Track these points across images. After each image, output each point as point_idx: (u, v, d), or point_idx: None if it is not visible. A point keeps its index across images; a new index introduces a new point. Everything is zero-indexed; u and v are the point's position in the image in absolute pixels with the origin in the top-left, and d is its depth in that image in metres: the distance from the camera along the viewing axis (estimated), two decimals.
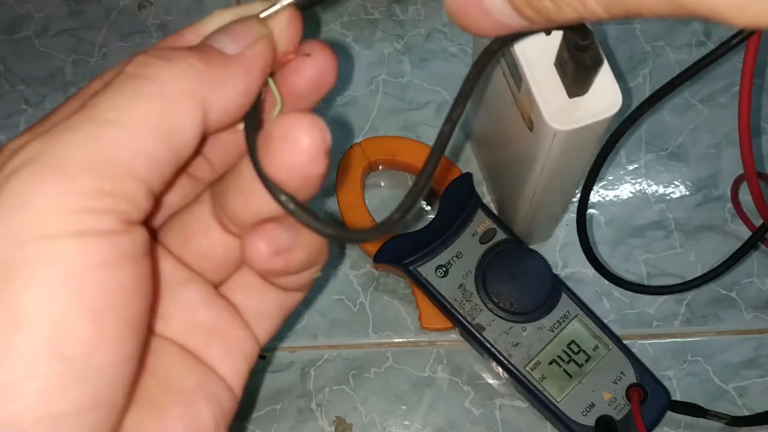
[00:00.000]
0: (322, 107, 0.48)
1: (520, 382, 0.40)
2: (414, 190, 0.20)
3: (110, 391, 0.16)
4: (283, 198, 0.18)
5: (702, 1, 0.14)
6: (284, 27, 0.19)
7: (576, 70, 0.28)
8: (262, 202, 0.19)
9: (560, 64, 0.29)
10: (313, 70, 0.20)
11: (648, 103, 0.35)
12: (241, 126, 0.19)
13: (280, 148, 0.18)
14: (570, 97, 0.30)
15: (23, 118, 0.49)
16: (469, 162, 0.47)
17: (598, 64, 0.28)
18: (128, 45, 0.51)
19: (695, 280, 0.41)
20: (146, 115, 0.16)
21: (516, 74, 0.31)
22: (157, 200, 0.18)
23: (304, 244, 0.20)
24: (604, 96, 0.30)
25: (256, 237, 0.19)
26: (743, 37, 0.30)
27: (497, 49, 0.21)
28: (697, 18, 0.14)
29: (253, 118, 0.19)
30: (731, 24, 0.14)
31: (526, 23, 0.18)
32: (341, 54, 0.49)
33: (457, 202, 0.43)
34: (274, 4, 0.19)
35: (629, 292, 0.44)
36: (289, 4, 0.19)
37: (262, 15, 0.19)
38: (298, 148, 0.18)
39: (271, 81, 0.20)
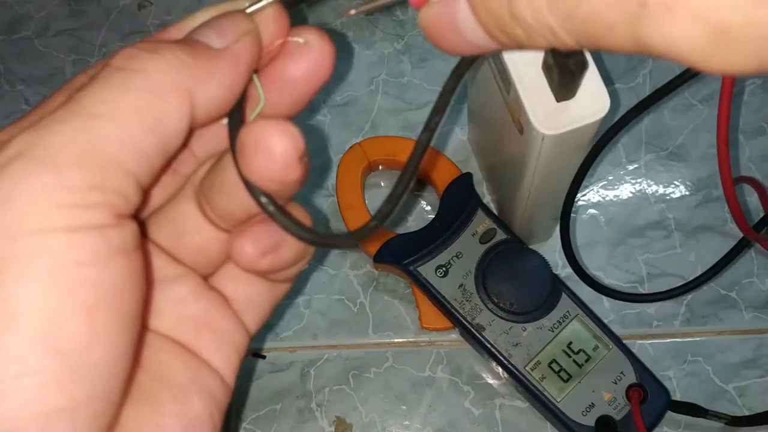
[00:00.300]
0: (322, 106, 0.48)
1: (520, 382, 0.40)
2: (392, 197, 0.20)
3: (106, 385, 0.16)
4: (263, 200, 0.18)
5: (670, 48, 0.14)
6: (269, 22, 0.19)
7: (561, 75, 0.28)
8: (249, 199, 0.19)
9: (546, 68, 0.29)
10: (306, 59, 0.20)
11: (633, 113, 0.35)
12: (224, 121, 0.19)
13: (253, 157, 0.18)
14: (558, 101, 0.30)
15: None
16: (469, 162, 0.47)
17: (583, 68, 0.28)
18: (128, 45, 0.51)
19: (676, 289, 0.41)
20: (134, 107, 0.16)
21: (505, 78, 0.31)
22: (146, 193, 0.18)
23: (290, 243, 0.20)
24: (592, 100, 0.30)
25: (243, 239, 0.20)
26: None
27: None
28: (666, 59, 0.14)
29: (236, 115, 0.19)
30: (699, 70, 0.14)
31: (497, 46, 0.18)
32: (341, 53, 0.49)
33: (457, 202, 0.43)
34: (259, 0, 0.19)
35: (629, 292, 0.44)
36: (274, 1, 0.19)
37: (248, 11, 0.19)
38: (270, 157, 0.18)
39: (255, 77, 0.20)
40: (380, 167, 0.46)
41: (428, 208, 0.47)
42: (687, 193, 0.47)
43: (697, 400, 0.42)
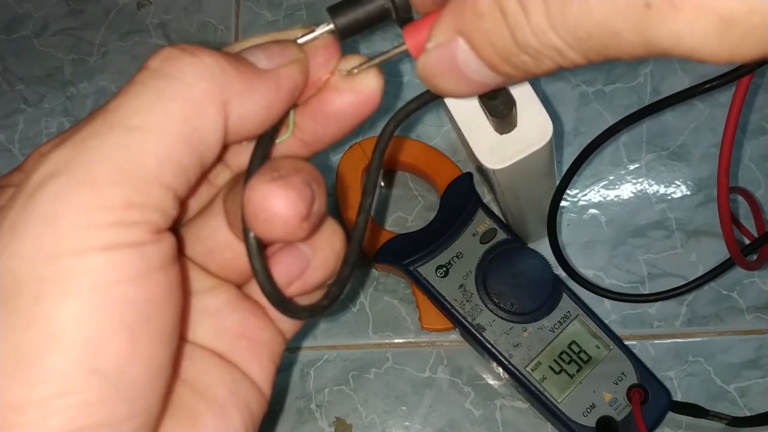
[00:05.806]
0: None
1: (520, 382, 0.40)
2: (339, 279, 0.20)
3: (146, 400, 0.16)
4: (251, 235, 0.18)
5: (678, 45, 0.14)
6: (319, 53, 0.19)
7: (492, 116, 0.29)
8: None
9: (482, 107, 0.30)
10: (355, 93, 0.19)
11: (622, 123, 0.35)
12: (245, 142, 0.19)
13: (255, 222, 0.17)
14: (500, 134, 0.30)
15: (22, 118, 0.49)
16: (469, 162, 0.47)
17: (511, 106, 0.28)
18: (127, 44, 0.51)
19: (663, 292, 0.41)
20: (170, 118, 0.16)
21: (450, 116, 0.32)
22: (183, 204, 0.18)
23: (315, 268, 0.20)
24: (534, 127, 0.30)
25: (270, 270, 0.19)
26: (730, 78, 0.31)
27: (393, 129, 0.21)
28: (674, 57, 0.14)
29: (264, 144, 0.19)
30: (708, 62, 0.14)
31: (503, 79, 0.17)
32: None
33: (457, 202, 0.43)
34: (312, 31, 0.19)
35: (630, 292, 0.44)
36: (328, 31, 0.19)
37: (300, 40, 0.19)
38: (271, 225, 0.17)
39: (291, 110, 0.19)
40: None
41: (428, 208, 0.46)
42: (688, 193, 0.46)
43: (698, 401, 0.41)
